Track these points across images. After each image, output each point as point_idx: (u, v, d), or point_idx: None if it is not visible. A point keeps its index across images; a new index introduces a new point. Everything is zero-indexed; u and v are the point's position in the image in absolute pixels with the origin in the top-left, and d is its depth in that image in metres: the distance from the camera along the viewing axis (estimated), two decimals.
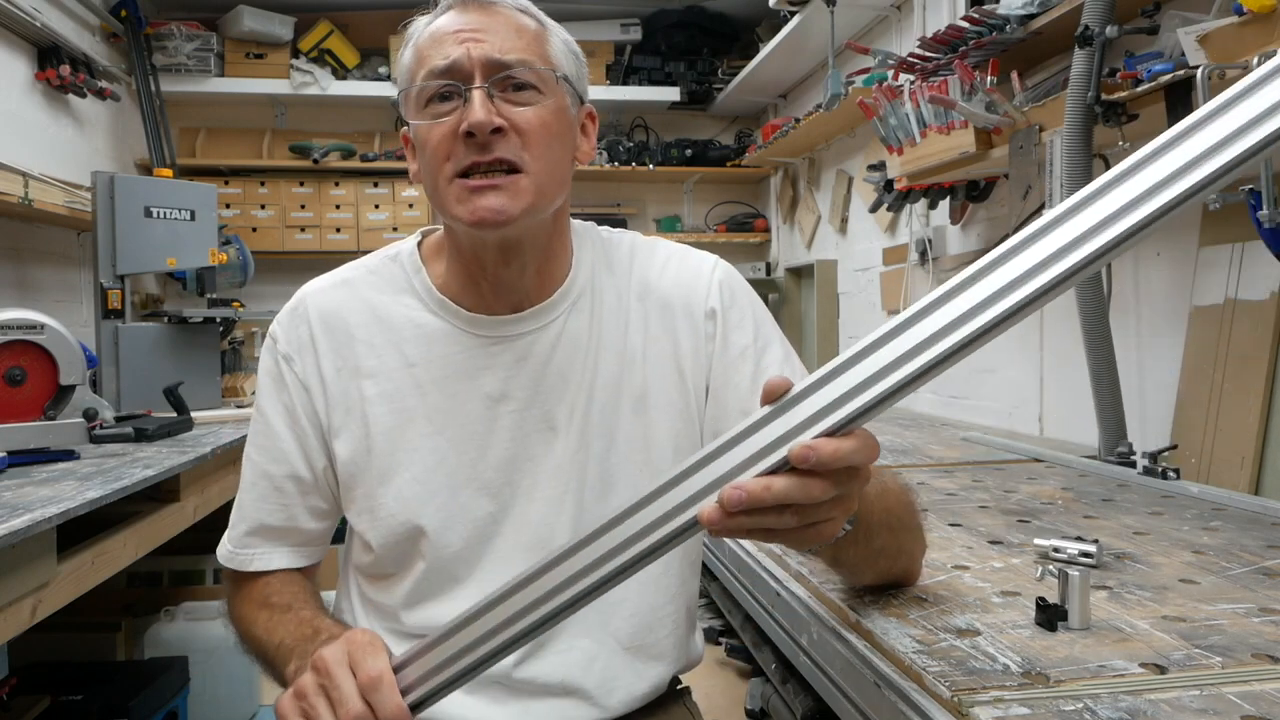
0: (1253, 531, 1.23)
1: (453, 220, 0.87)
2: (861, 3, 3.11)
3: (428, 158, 0.86)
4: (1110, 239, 0.54)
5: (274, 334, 0.97)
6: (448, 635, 0.69)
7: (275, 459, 0.95)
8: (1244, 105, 0.52)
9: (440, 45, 0.85)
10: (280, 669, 0.87)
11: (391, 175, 4.27)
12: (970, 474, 1.74)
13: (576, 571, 0.65)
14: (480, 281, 0.92)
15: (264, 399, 0.96)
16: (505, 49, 0.85)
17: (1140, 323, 2.04)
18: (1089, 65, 1.68)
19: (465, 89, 0.84)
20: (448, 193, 0.85)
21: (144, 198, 2.52)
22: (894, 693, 0.77)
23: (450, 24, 0.86)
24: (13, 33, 3.06)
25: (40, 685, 1.97)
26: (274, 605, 0.92)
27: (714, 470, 0.62)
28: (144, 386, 2.43)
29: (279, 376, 0.95)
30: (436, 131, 0.85)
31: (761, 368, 0.95)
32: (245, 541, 0.96)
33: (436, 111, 0.85)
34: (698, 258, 1.00)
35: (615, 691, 0.94)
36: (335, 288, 0.97)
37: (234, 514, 0.98)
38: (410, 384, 0.92)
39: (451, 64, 0.84)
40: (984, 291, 0.57)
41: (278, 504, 0.95)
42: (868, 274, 3.49)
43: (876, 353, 0.58)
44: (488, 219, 0.83)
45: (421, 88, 0.85)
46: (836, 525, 0.65)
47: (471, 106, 0.82)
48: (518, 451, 0.92)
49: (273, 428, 0.95)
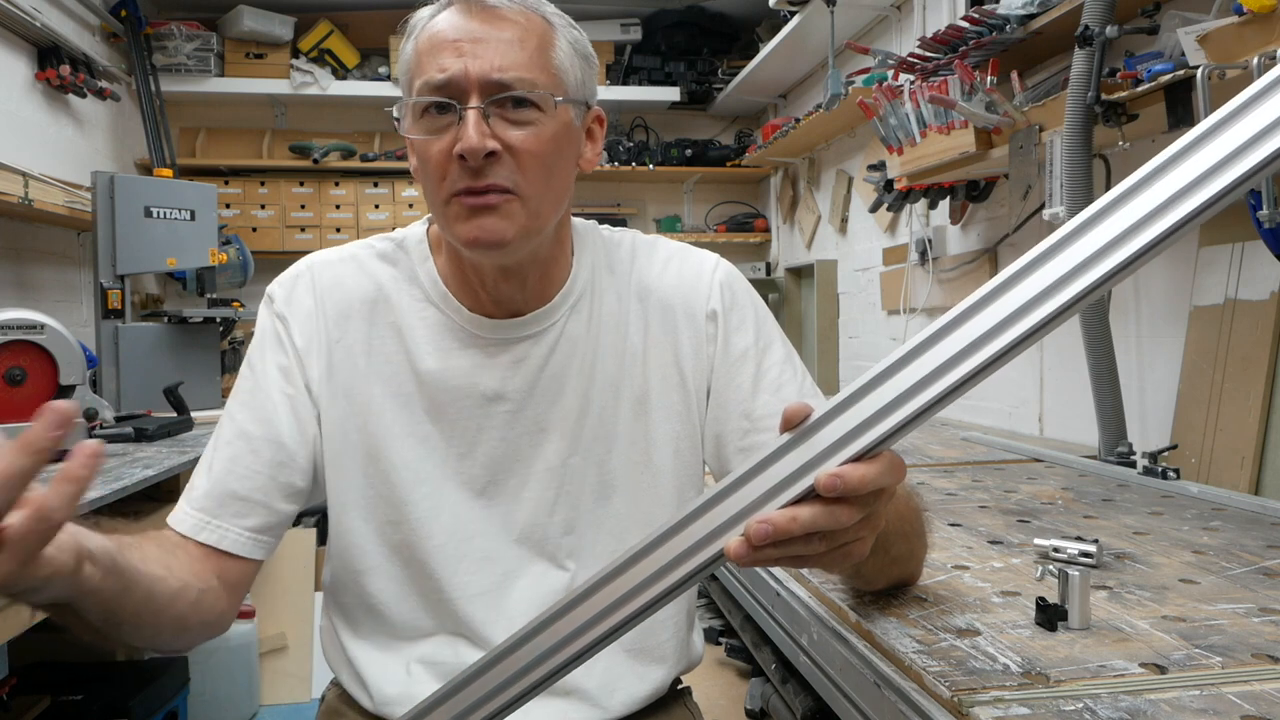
0: (1253, 531, 1.23)
1: (451, 238, 0.86)
2: (861, 3, 3.11)
3: (426, 173, 0.85)
4: (1129, 254, 0.53)
5: (272, 293, 0.94)
6: (464, 685, 0.64)
7: (260, 418, 0.89)
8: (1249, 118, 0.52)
9: (438, 54, 0.82)
10: None
11: (391, 175, 4.27)
12: (970, 474, 1.74)
13: (599, 612, 0.62)
14: (477, 289, 0.91)
15: (256, 356, 0.92)
16: (505, 65, 0.81)
17: (1140, 323, 2.04)
18: (1089, 65, 1.68)
19: (460, 108, 0.81)
20: (446, 211, 0.84)
21: (144, 198, 2.52)
22: (894, 693, 0.77)
23: (450, 29, 0.83)
24: (13, 33, 3.06)
25: (40, 685, 1.97)
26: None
27: (738, 501, 0.59)
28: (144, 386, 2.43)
29: (275, 335, 0.92)
30: (433, 147, 0.83)
31: (763, 369, 0.95)
32: (203, 504, 0.85)
33: (433, 125, 0.83)
34: (698, 257, 0.99)
35: (616, 693, 0.94)
36: (343, 262, 0.95)
37: (199, 475, 0.88)
38: (407, 371, 0.92)
39: (448, 80, 0.81)
40: (1005, 309, 0.55)
41: (249, 469, 0.87)
42: (868, 274, 3.49)
43: (897, 375, 0.56)
44: (483, 240, 0.82)
45: (415, 102, 0.83)
46: (866, 545, 0.63)
47: (465, 129, 0.80)
48: (506, 451, 0.92)
49: (263, 385, 0.90)
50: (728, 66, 4.51)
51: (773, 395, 0.94)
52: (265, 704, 2.59)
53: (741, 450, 0.94)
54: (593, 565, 0.92)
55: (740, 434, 0.94)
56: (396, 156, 4.26)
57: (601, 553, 0.93)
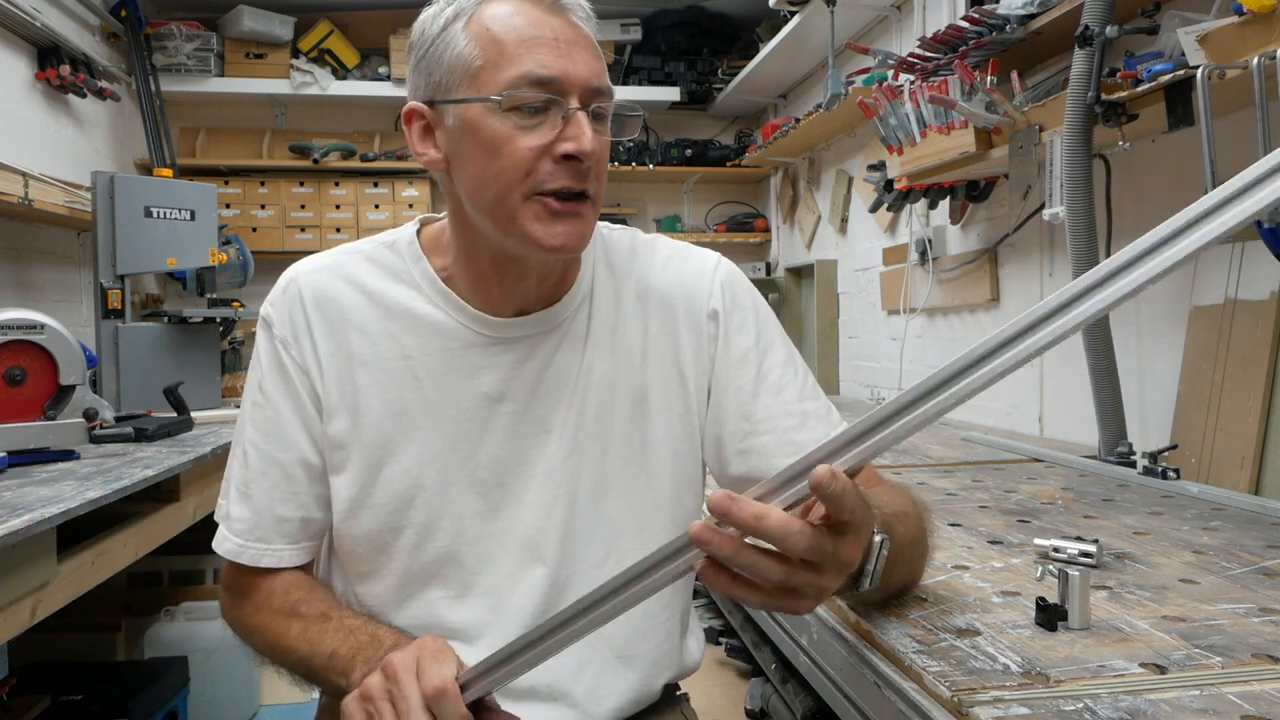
0: (1253, 531, 1.23)
1: (518, 237, 0.83)
2: (861, 3, 3.11)
3: (502, 167, 0.81)
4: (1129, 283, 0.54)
5: (268, 317, 0.94)
6: (520, 652, 0.70)
7: (285, 445, 0.92)
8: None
9: (535, 49, 0.80)
10: (336, 677, 0.83)
11: (391, 175, 4.27)
12: (970, 474, 1.74)
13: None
14: (492, 286, 0.90)
15: (268, 384, 0.93)
16: (597, 72, 0.83)
17: (1140, 323, 2.04)
18: (1089, 65, 1.68)
19: (570, 107, 0.81)
20: (523, 209, 0.82)
21: (144, 198, 2.52)
22: (894, 693, 0.77)
23: (534, 25, 0.82)
24: (13, 33, 3.06)
25: (40, 685, 1.97)
26: (305, 615, 0.89)
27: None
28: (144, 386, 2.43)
29: (280, 362, 0.92)
30: (521, 143, 0.80)
31: (764, 371, 0.94)
32: (256, 534, 0.92)
33: (525, 120, 0.81)
34: (699, 256, 0.99)
35: (604, 699, 0.93)
36: (327, 269, 0.94)
37: (237, 504, 0.93)
38: (406, 375, 0.90)
39: (556, 77, 0.80)
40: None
41: (289, 492, 0.92)
42: (868, 274, 3.49)
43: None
44: (569, 245, 0.82)
45: (514, 95, 0.80)
46: (809, 604, 0.64)
47: (580, 131, 0.80)
48: (511, 453, 0.91)
49: (281, 413, 0.92)
50: (728, 66, 4.51)
51: (773, 397, 0.93)
52: (265, 704, 2.59)
53: (741, 452, 0.93)
54: (586, 569, 0.92)
55: (740, 436, 0.93)
56: (397, 156, 4.26)
57: (595, 556, 0.92)
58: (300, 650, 0.87)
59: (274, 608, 0.91)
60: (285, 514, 0.92)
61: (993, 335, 0.56)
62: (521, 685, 0.89)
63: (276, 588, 0.92)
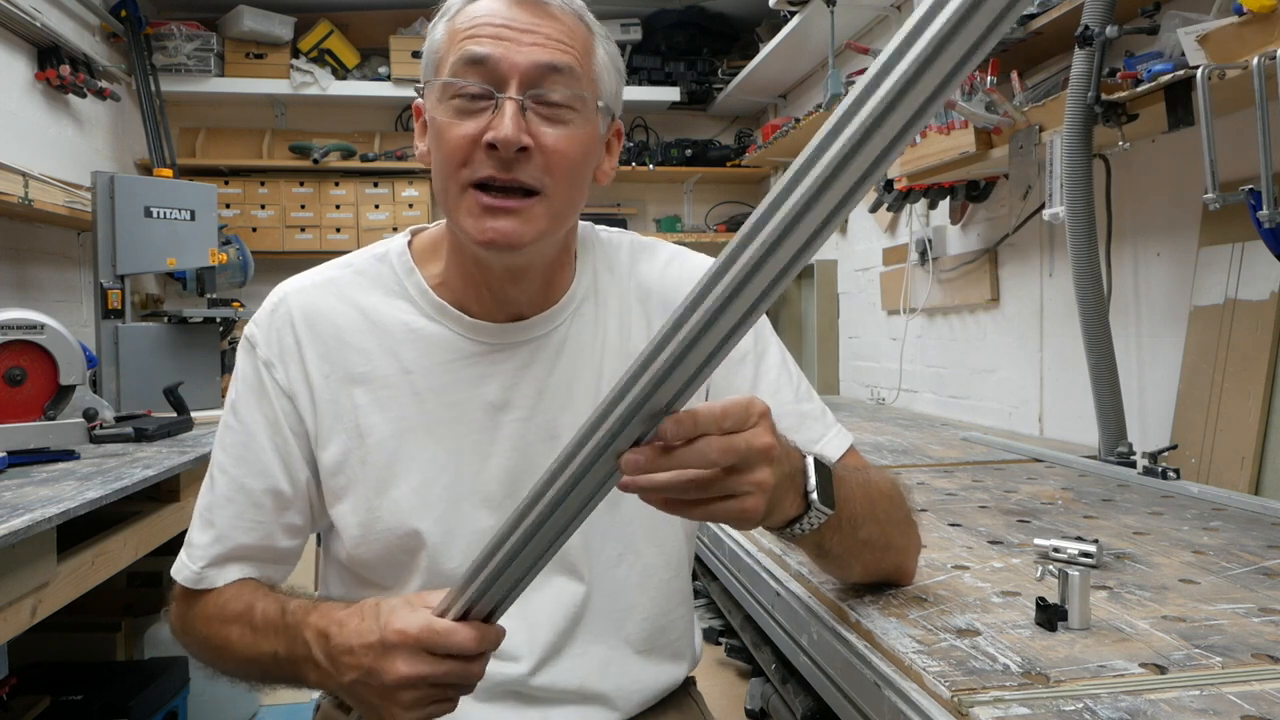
0: (1253, 531, 1.23)
1: (460, 231, 0.83)
2: (861, 3, 3.10)
3: (442, 156, 0.81)
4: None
5: (251, 337, 0.91)
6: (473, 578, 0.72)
7: (255, 472, 0.89)
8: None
9: (478, 33, 0.79)
10: (293, 675, 0.83)
11: (391, 175, 4.27)
12: (970, 474, 1.74)
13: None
14: (481, 289, 0.89)
15: (243, 407, 0.90)
16: (550, 60, 0.79)
17: (1140, 323, 2.04)
18: (1089, 65, 1.68)
19: (498, 95, 0.78)
20: (459, 201, 0.81)
21: (144, 198, 2.52)
22: (894, 693, 0.77)
23: (492, 14, 0.80)
24: (13, 33, 3.06)
25: (40, 685, 1.97)
26: (238, 617, 0.86)
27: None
28: (144, 386, 2.43)
29: (259, 385, 0.89)
30: (457, 131, 0.79)
31: (760, 373, 0.95)
32: (215, 561, 0.89)
33: (462, 108, 0.79)
34: (698, 259, 0.99)
35: (633, 695, 0.94)
36: (319, 288, 0.91)
37: (199, 530, 0.90)
38: (407, 392, 0.88)
39: (488, 59, 0.78)
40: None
41: (254, 520, 0.89)
42: (868, 274, 3.49)
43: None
44: (498, 241, 0.80)
45: (448, 82, 0.79)
46: (755, 501, 0.68)
47: (501, 118, 0.77)
48: (520, 463, 0.89)
49: (254, 439, 0.89)
50: (728, 66, 4.51)
51: (770, 399, 0.93)
52: (265, 704, 2.59)
53: None
54: (605, 574, 0.92)
55: None
56: (396, 156, 4.26)
57: (611, 560, 0.92)
58: (247, 655, 0.87)
59: (208, 616, 0.89)
60: (248, 541, 0.89)
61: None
62: (550, 689, 0.90)
63: (209, 597, 0.90)
